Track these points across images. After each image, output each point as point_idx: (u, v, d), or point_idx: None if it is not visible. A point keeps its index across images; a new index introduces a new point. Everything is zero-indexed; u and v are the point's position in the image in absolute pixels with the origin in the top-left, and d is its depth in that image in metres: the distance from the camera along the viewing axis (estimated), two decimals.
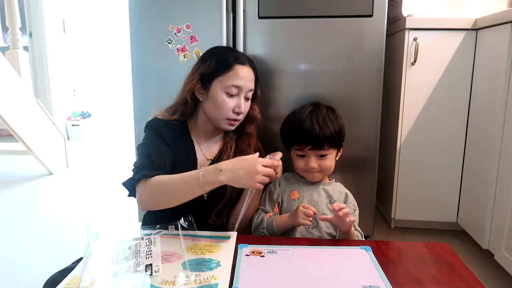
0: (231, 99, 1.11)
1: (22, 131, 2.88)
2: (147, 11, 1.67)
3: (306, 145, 1.08)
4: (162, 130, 1.15)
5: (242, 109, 1.12)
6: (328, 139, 1.07)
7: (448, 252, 0.91)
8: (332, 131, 1.08)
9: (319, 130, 1.07)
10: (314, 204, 1.09)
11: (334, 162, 1.13)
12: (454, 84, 1.80)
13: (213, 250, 0.88)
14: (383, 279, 0.77)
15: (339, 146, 1.14)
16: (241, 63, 1.13)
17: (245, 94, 1.14)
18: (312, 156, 1.09)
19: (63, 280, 0.77)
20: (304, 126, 1.09)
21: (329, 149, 1.09)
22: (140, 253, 0.85)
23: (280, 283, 0.77)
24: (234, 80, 1.11)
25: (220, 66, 1.12)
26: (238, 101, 1.12)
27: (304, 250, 0.90)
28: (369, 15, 1.58)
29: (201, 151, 1.19)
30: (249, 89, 1.14)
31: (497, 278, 1.55)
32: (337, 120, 1.14)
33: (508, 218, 1.45)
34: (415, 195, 1.92)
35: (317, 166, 1.09)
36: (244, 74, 1.12)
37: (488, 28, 1.65)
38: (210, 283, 0.75)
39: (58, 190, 2.86)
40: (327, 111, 1.13)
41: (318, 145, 1.07)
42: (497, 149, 1.53)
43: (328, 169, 1.12)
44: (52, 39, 4.32)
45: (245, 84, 1.12)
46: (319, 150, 1.08)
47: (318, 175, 1.12)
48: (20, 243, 1.97)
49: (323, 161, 1.09)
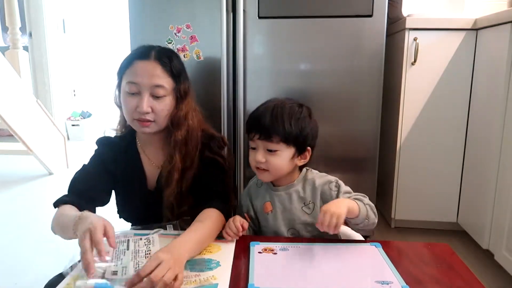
0: (132, 98, 1.01)
1: (22, 131, 2.88)
2: (147, 11, 1.67)
3: (255, 134, 0.97)
4: (103, 150, 1.12)
5: (143, 108, 0.99)
6: (278, 131, 0.95)
7: (448, 252, 0.91)
8: (287, 125, 0.95)
9: (269, 119, 0.95)
10: (288, 213, 1.01)
11: (286, 163, 0.98)
12: (454, 84, 1.80)
13: (213, 250, 0.88)
14: (395, 274, 0.78)
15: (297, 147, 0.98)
16: (141, 58, 1.02)
17: (151, 91, 1.00)
18: (260, 149, 0.97)
19: (62, 281, 0.77)
20: (258, 113, 0.99)
21: (278, 143, 0.95)
22: (139, 253, 0.85)
23: (295, 279, 0.78)
24: (130, 77, 1.01)
25: (123, 64, 1.05)
26: (139, 100, 1.00)
27: (315, 247, 0.90)
28: (369, 15, 1.58)
29: (149, 160, 1.12)
30: (151, 85, 1.00)
31: (497, 278, 1.55)
32: (300, 118, 0.98)
33: (508, 218, 1.45)
34: (415, 195, 1.92)
35: (265, 162, 0.97)
36: (142, 70, 1.01)
37: (488, 28, 1.65)
38: (210, 283, 0.75)
39: (58, 190, 2.85)
40: (292, 105, 1.00)
41: (266, 134, 0.95)
42: (497, 149, 1.53)
43: (276, 169, 0.97)
44: (52, 39, 4.32)
45: (142, 80, 1.00)
46: (268, 142, 0.96)
47: (267, 175, 0.99)
48: (20, 243, 1.97)
49: (271, 157, 0.96)
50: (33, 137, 2.98)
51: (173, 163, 1.04)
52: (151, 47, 1.06)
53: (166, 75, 1.03)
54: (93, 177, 1.07)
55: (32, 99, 3.17)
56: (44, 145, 3.11)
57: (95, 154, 1.13)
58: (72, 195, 1.02)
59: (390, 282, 0.75)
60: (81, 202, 0.99)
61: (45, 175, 3.13)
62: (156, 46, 1.07)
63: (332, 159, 1.72)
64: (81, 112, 4.73)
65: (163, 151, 1.11)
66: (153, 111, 1.01)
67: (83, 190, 1.03)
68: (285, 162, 0.98)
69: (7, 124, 2.76)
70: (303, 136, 0.98)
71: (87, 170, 1.09)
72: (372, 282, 0.75)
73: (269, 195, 1.04)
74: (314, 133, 1.02)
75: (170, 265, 0.73)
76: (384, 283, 0.75)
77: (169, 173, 1.05)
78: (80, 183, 1.05)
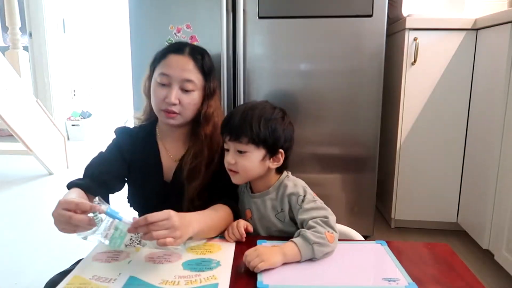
0: (162, 89, 1.05)
1: (22, 131, 2.88)
2: (147, 11, 1.67)
3: (226, 135, 0.98)
4: (121, 139, 1.14)
5: (171, 99, 1.03)
6: (245, 131, 0.94)
7: (448, 252, 0.91)
8: (253, 126, 0.94)
9: (238, 120, 0.95)
10: (264, 220, 1.00)
11: (256, 165, 0.97)
12: (454, 84, 1.80)
13: (213, 250, 0.88)
14: (402, 272, 0.79)
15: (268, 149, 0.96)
16: (175, 52, 1.07)
17: (180, 84, 1.05)
18: (231, 150, 0.97)
19: (63, 280, 0.77)
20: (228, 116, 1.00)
21: (247, 144, 0.94)
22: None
23: (303, 276, 0.79)
24: (163, 68, 1.06)
25: (157, 57, 1.10)
26: (169, 91, 1.04)
27: None
28: (369, 15, 1.58)
29: (166, 152, 1.15)
30: (182, 78, 1.04)
31: (497, 278, 1.55)
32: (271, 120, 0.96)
33: (508, 218, 1.45)
34: (415, 195, 1.92)
35: (234, 163, 0.96)
36: (175, 63, 1.06)
37: (488, 28, 1.65)
38: (211, 283, 0.75)
39: (58, 190, 2.86)
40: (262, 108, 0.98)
41: (235, 136, 0.95)
42: (497, 149, 1.53)
43: (245, 170, 0.96)
44: (52, 39, 4.32)
45: (174, 73, 1.04)
46: (237, 143, 0.95)
47: (237, 177, 0.99)
48: (20, 243, 1.97)
49: (241, 159, 0.96)
50: (33, 137, 2.98)
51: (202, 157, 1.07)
52: (186, 43, 1.12)
53: (197, 71, 1.07)
54: (108, 162, 1.09)
55: (32, 99, 3.17)
56: (44, 145, 3.11)
57: (112, 142, 1.15)
58: (84, 178, 1.04)
59: (397, 279, 0.76)
60: (92, 186, 1.01)
61: (45, 175, 3.13)
62: (191, 44, 1.13)
63: (332, 159, 1.72)
64: (81, 112, 4.73)
65: (183, 145, 1.14)
66: (180, 103, 1.05)
67: (97, 174, 1.05)
68: (255, 164, 0.96)
69: (7, 124, 2.76)
70: (274, 137, 0.96)
71: (103, 155, 1.12)
72: (379, 280, 0.77)
73: (247, 201, 1.05)
74: (288, 136, 0.99)
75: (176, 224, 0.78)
76: (391, 280, 0.76)
77: (196, 167, 1.07)
78: (94, 167, 1.08)
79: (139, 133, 1.16)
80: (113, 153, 1.12)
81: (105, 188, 1.06)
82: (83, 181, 1.02)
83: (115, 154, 1.12)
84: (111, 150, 1.13)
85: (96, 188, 1.01)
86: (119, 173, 1.11)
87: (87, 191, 0.99)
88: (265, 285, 0.73)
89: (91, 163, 1.09)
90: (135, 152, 1.13)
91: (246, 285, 0.76)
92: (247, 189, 1.06)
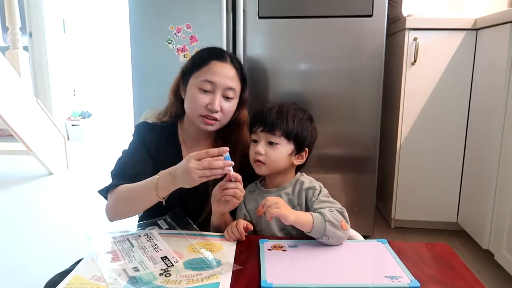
0: (204, 95, 1.06)
1: (22, 131, 2.88)
2: (147, 11, 1.67)
3: (259, 126, 1.03)
4: (146, 135, 1.14)
5: (215, 106, 1.05)
6: (280, 124, 1.01)
7: (448, 252, 0.91)
8: (289, 121, 1.02)
9: (274, 114, 1.02)
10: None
11: (284, 158, 1.03)
12: (454, 84, 1.80)
13: (214, 249, 0.88)
14: (404, 270, 0.79)
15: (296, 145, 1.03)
16: (219, 60, 1.09)
17: (223, 92, 1.07)
18: (262, 141, 1.02)
19: (63, 280, 0.77)
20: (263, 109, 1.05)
21: (280, 137, 1.01)
22: (147, 248, 0.85)
23: (307, 274, 0.79)
24: (207, 75, 1.07)
25: (197, 61, 1.10)
26: (213, 98, 1.06)
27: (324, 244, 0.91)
28: (369, 15, 1.58)
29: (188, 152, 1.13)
30: (226, 86, 1.07)
31: (497, 278, 1.55)
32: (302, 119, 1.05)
33: (508, 218, 1.45)
34: (415, 195, 1.92)
35: (264, 154, 1.01)
36: (220, 70, 1.07)
37: (488, 28, 1.65)
38: (212, 282, 0.75)
39: (58, 190, 2.86)
40: (296, 108, 1.07)
41: (269, 127, 1.01)
42: (497, 149, 1.53)
43: (274, 161, 1.02)
44: (52, 39, 4.32)
45: (220, 81, 1.06)
46: (270, 135, 1.01)
47: (264, 169, 1.03)
48: (20, 243, 1.97)
49: (271, 150, 1.01)
50: (33, 137, 2.98)
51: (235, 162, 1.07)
52: (223, 49, 1.15)
53: (238, 80, 1.11)
54: (141, 161, 1.10)
55: (32, 99, 3.17)
56: (44, 145, 3.11)
57: (136, 138, 1.14)
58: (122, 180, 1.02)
59: (399, 277, 0.77)
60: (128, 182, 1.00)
61: (45, 175, 3.13)
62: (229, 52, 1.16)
63: (332, 159, 1.72)
64: (81, 112, 4.73)
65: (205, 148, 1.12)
66: (221, 110, 1.07)
67: (134, 175, 1.03)
68: (283, 157, 1.02)
69: (7, 124, 2.76)
70: (303, 135, 1.04)
71: (133, 154, 1.11)
72: (382, 277, 0.77)
73: (260, 198, 1.05)
74: (313, 137, 1.08)
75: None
76: (393, 278, 0.77)
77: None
78: (129, 168, 1.06)
79: (162, 131, 1.16)
80: (142, 151, 1.12)
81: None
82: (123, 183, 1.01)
83: (143, 151, 1.12)
84: (138, 147, 1.13)
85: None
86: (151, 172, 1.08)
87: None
88: (269, 284, 0.74)
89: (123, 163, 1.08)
90: (159, 148, 1.14)
91: (247, 284, 0.76)
92: (258, 187, 1.09)
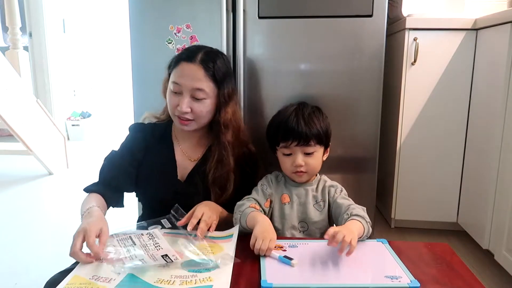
0: (175, 96, 1.08)
1: (22, 131, 2.88)
2: (147, 11, 1.67)
3: (292, 141, 1.05)
4: (137, 136, 1.17)
5: (183, 108, 1.05)
6: (314, 134, 1.05)
7: (448, 252, 0.91)
8: (318, 127, 1.07)
9: (304, 125, 1.05)
10: (303, 206, 1.09)
11: (320, 162, 1.11)
12: (454, 84, 1.80)
13: (214, 251, 0.88)
14: (404, 270, 0.80)
15: (326, 145, 1.12)
16: (186, 61, 1.08)
17: (191, 93, 1.06)
18: (298, 153, 1.06)
19: (63, 280, 0.77)
20: (290, 122, 1.07)
21: (315, 145, 1.06)
22: (148, 246, 0.86)
23: (306, 274, 0.79)
24: (175, 77, 1.08)
25: (172, 63, 1.12)
26: (180, 100, 1.06)
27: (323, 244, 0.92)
28: (369, 15, 1.58)
29: (183, 152, 1.17)
30: (192, 87, 1.06)
31: (497, 278, 1.55)
32: (323, 118, 1.12)
33: (508, 218, 1.45)
34: (415, 195, 1.92)
35: (304, 165, 1.06)
36: (186, 72, 1.07)
37: (488, 28, 1.65)
38: (206, 284, 0.74)
39: (58, 190, 2.86)
40: (312, 109, 1.13)
41: (304, 140, 1.05)
42: (497, 149, 1.53)
43: (314, 168, 1.09)
44: (52, 39, 4.32)
45: (185, 82, 1.06)
46: (306, 147, 1.05)
47: (305, 176, 1.09)
48: (20, 243, 1.97)
49: (310, 159, 1.06)
50: (33, 137, 2.98)
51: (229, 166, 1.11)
52: (199, 48, 1.11)
53: (208, 79, 1.08)
54: (118, 166, 1.13)
55: (32, 99, 3.17)
56: (44, 145, 3.11)
57: (126, 140, 1.18)
58: (99, 184, 1.09)
59: (399, 276, 0.77)
60: (106, 192, 1.07)
61: (45, 175, 3.13)
62: (205, 48, 1.12)
63: (332, 159, 1.71)
64: (81, 112, 4.73)
65: (199, 146, 1.18)
66: (192, 111, 1.07)
67: (109, 179, 1.10)
68: (320, 161, 1.10)
69: (7, 124, 2.76)
70: (328, 133, 1.12)
71: (114, 158, 1.14)
72: (382, 277, 0.78)
73: (287, 189, 1.12)
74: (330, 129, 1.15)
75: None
76: (393, 277, 0.77)
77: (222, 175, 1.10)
78: (106, 171, 1.12)
79: (155, 131, 1.18)
80: (124, 155, 1.15)
81: (118, 191, 1.11)
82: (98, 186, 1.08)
83: (126, 156, 1.14)
84: (122, 151, 1.16)
85: (110, 193, 1.08)
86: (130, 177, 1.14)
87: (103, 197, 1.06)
88: (269, 284, 0.74)
89: (104, 166, 1.13)
90: (149, 149, 1.16)
91: (247, 284, 0.76)
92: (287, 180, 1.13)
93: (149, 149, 1.16)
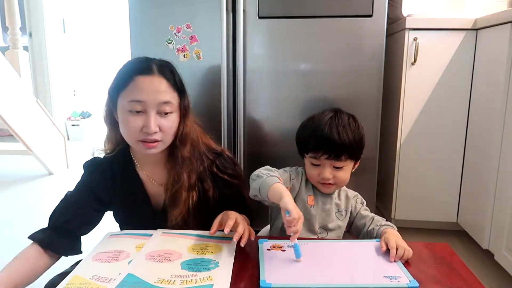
0: (136, 117, 0.92)
1: (22, 131, 2.88)
2: (147, 11, 1.67)
3: (323, 154, 0.99)
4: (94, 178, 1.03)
5: (151, 128, 0.91)
6: (347, 148, 0.99)
7: (448, 252, 0.91)
8: (352, 140, 1.00)
9: (338, 138, 0.98)
10: (326, 213, 1.07)
11: (349, 175, 1.05)
12: (454, 84, 1.80)
13: (214, 251, 0.88)
14: (403, 270, 0.80)
15: (357, 158, 1.05)
16: (143, 74, 0.93)
17: (157, 108, 0.93)
18: (327, 167, 1.01)
19: (63, 280, 0.77)
20: (323, 132, 1.00)
21: (346, 160, 1.01)
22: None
23: (305, 274, 0.79)
24: (134, 94, 0.92)
25: (120, 79, 0.96)
26: (146, 118, 0.92)
27: (322, 244, 0.92)
28: (369, 15, 1.58)
29: (149, 179, 1.05)
30: (159, 101, 0.92)
31: (497, 278, 1.55)
32: (358, 130, 1.04)
33: (508, 218, 1.45)
34: (415, 195, 1.92)
35: (332, 178, 1.01)
36: (148, 86, 0.92)
37: (488, 28, 1.65)
38: (206, 284, 0.74)
39: (58, 190, 2.86)
40: (348, 119, 1.04)
41: (335, 155, 0.99)
42: (497, 149, 1.53)
43: (342, 181, 1.04)
44: (52, 39, 4.32)
45: (149, 98, 0.91)
46: (336, 161, 1.00)
47: (333, 188, 1.05)
48: (20, 243, 1.97)
49: (338, 173, 1.02)
50: (33, 137, 2.98)
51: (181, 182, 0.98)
52: (148, 59, 0.99)
53: (172, 90, 0.96)
54: (73, 208, 1.01)
55: (32, 99, 3.17)
56: (44, 145, 3.11)
57: (81, 181, 1.04)
58: (47, 230, 1.00)
59: (398, 276, 0.77)
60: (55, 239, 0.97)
61: (45, 175, 3.13)
62: (153, 58, 1.00)
63: None
64: (81, 112, 4.73)
65: (165, 167, 1.04)
66: (160, 130, 0.94)
67: (60, 224, 0.99)
68: (349, 174, 1.05)
69: (7, 124, 2.76)
70: (362, 146, 1.05)
71: (68, 199, 1.02)
72: (381, 277, 0.77)
73: (313, 191, 1.09)
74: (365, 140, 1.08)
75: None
76: (392, 278, 0.77)
77: (176, 192, 0.99)
78: (58, 215, 1.00)
79: (114, 165, 1.04)
80: (82, 195, 1.02)
81: (71, 236, 1.00)
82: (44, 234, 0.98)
83: (84, 195, 1.02)
84: (79, 191, 1.03)
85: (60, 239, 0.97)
86: (87, 217, 1.02)
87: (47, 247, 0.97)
88: (268, 284, 0.74)
89: (55, 210, 1.01)
90: (112, 188, 1.03)
91: (246, 284, 0.76)
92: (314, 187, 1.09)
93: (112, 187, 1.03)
